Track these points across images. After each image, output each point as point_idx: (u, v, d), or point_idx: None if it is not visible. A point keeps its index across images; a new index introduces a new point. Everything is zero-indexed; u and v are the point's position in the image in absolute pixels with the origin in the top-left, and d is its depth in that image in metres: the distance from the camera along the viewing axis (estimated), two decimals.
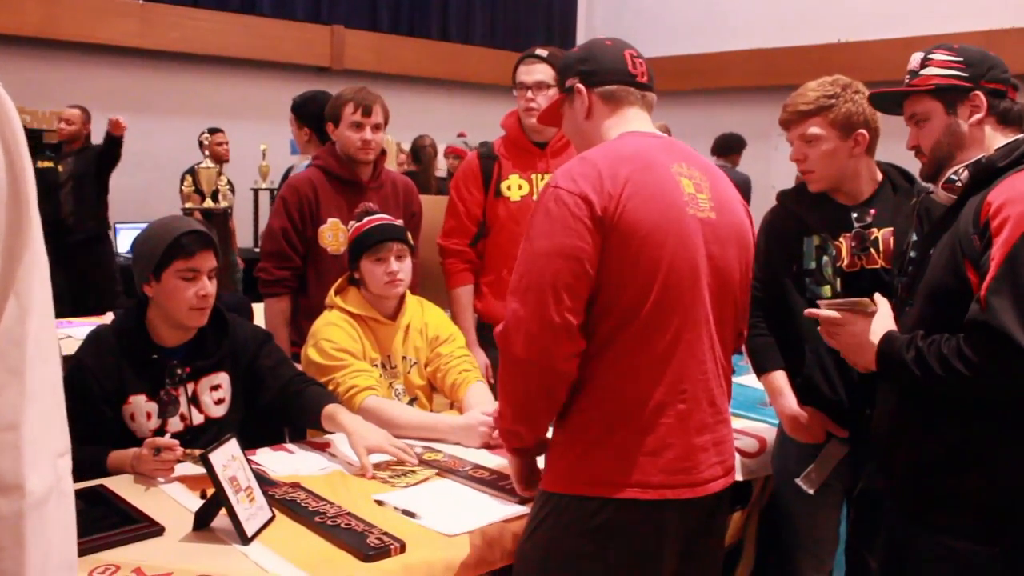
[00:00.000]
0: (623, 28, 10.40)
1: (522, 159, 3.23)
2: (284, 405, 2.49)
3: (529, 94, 3.13)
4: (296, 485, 2.14)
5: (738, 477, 2.43)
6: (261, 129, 7.67)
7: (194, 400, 2.40)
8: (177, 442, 2.16)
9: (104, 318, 4.30)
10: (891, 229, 2.26)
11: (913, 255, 1.98)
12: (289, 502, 2.02)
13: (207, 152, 5.66)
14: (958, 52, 1.92)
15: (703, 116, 9.13)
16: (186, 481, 2.16)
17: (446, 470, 2.27)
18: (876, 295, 1.95)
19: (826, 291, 2.26)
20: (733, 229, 1.84)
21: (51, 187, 5.99)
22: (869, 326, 1.88)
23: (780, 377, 2.35)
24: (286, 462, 2.34)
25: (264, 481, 2.08)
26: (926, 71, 1.94)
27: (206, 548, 1.83)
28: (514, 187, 3.20)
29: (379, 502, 2.06)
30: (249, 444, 2.35)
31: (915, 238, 2.03)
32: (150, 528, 1.87)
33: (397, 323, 2.80)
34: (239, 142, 7.23)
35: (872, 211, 2.29)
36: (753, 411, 2.81)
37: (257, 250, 6.90)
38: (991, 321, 1.63)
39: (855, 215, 2.29)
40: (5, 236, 0.84)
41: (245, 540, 1.83)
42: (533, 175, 3.21)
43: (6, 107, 0.84)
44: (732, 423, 1.91)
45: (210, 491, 1.91)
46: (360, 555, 1.78)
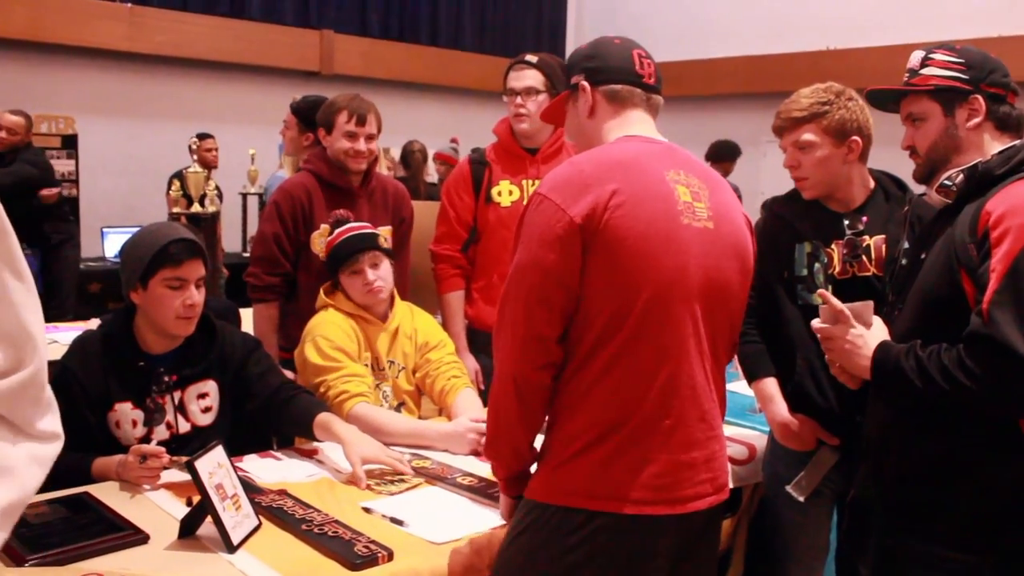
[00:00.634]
0: (612, 34, 10.41)
1: (513, 165, 3.24)
2: (273, 413, 2.46)
3: (519, 100, 3.13)
4: (283, 492, 2.12)
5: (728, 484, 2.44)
6: (250, 133, 7.65)
7: (181, 408, 2.37)
8: (163, 449, 2.14)
9: (90, 324, 4.27)
10: (883, 236, 2.26)
11: (904, 262, 1.97)
12: (276, 510, 2.00)
13: (195, 157, 5.62)
14: (959, 53, 1.89)
15: (692, 123, 9.14)
16: (172, 488, 2.13)
17: (434, 477, 2.25)
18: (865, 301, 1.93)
19: (817, 298, 2.26)
20: (731, 240, 1.78)
21: None
22: (866, 338, 1.85)
23: (771, 384, 2.35)
24: (273, 469, 2.32)
25: (251, 488, 2.06)
26: (926, 71, 1.92)
27: (191, 556, 1.81)
28: (504, 193, 3.21)
29: (367, 510, 2.05)
30: (237, 451, 2.34)
31: (906, 245, 2.03)
32: (135, 536, 1.85)
33: (386, 326, 2.78)
34: (227, 146, 7.20)
35: (864, 218, 2.29)
36: (743, 418, 2.81)
37: (246, 255, 6.89)
38: (994, 334, 1.61)
39: (847, 222, 2.29)
40: None
41: (231, 548, 1.81)
42: (524, 181, 3.21)
43: None
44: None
45: (196, 499, 1.89)
46: (347, 563, 1.76)
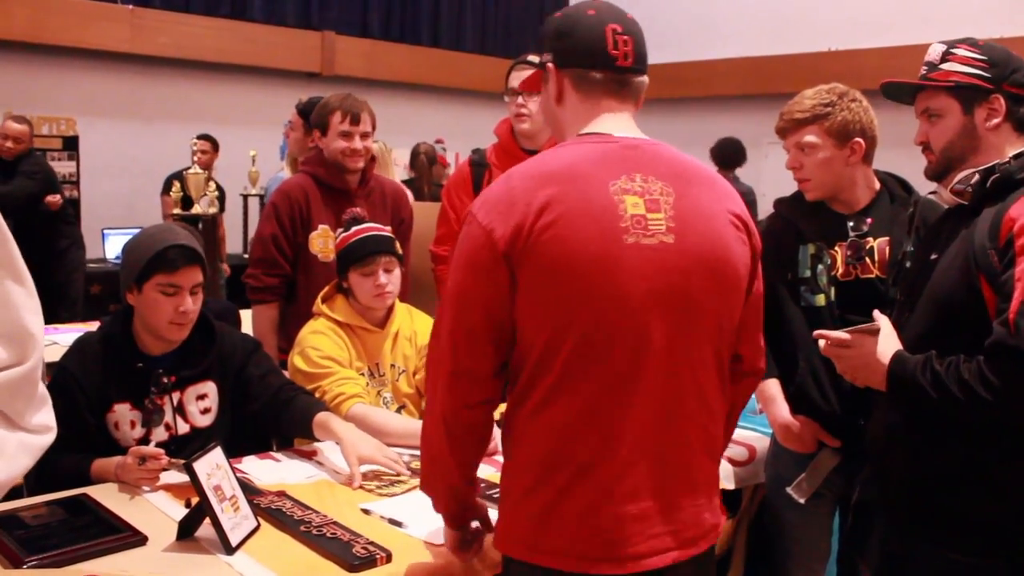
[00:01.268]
0: None
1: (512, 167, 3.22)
2: (273, 414, 2.45)
3: (520, 100, 3.13)
4: (282, 494, 2.11)
5: (729, 486, 2.43)
6: (251, 135, 7.65)
7: (179, 409, 2.37)
8: (162, 451, 2.13)
9: (91, 325, 4.27)
10: (887, 238, 2.25)
11: (910, 263, 1.95)
12: (275, 511, 2.00)
13: (196, 158, 5.63)
14: (983, 50, 1.83)
15: (693, 124, 9.15)
16: (170, 490, 2.13)
17: None
18: (875, 312, 1.87)
19: (820, 300, 2.25)
20: (699, 252, 1.51)
21: None
22: (876, 346, 1.78)
23: (773, 385, 2.34)
24: (272, 470, 2.32)
25: (249, 490, 2.06)
26: (946, 66, 1.84)
27: (190, 558, 1.80)
28: None
29: (365, 511, 2.04)
30: (236, 453, 2.33)
31: (910, 248, 2.02)
32: (133, 538, 1.85)
33: (386, 331, 2.78)
34: (228, 148, 7.21)
35: (868, 220, 2.28)
36: (744, 419, 2.79)
37: (246, 256, 6.87)
38: (1021, 345, 1.55)
39: (851, 224, 2.27)
40: None
41: (229, 550, 1.80)
42: None
43: None
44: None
45: (194, 500, 1.88)
46: (346, 565, 1.76)
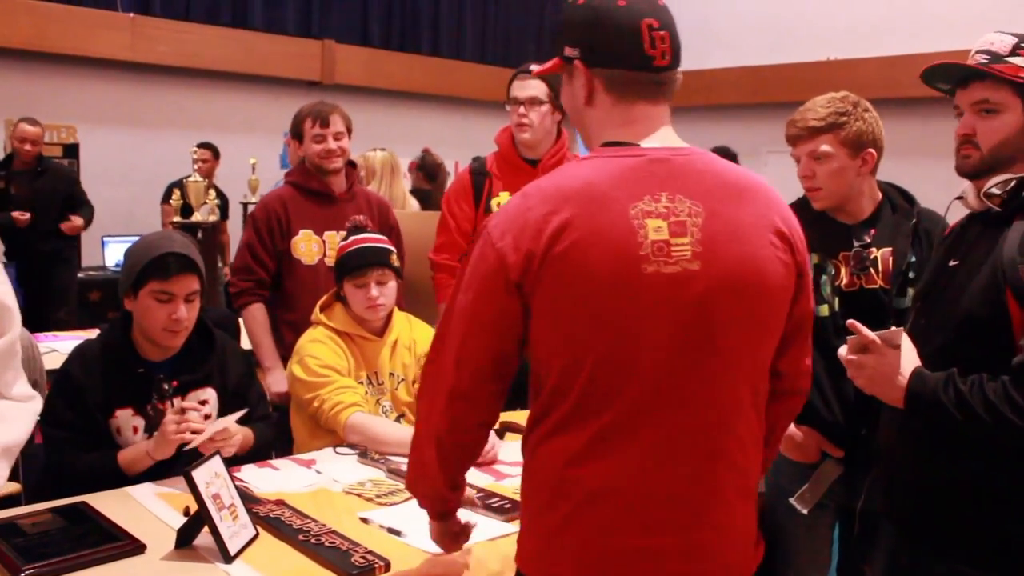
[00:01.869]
0: None
1: (513, 176, 3.25)
2: None
3: (521, 109, 3.16)
4: (280, 502, 2.11)
5: None
6: (251, 143, 7.65)
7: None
8: (200, 406, 2.22)
9: (90, 333, 4.27)
10: (890, 249, 2.24)
11: (912, 275, 1.93)
12: (273, 520, 2.00)
13: (196, 166, 5.63)
14: None
15: (693, 132, 9.01)
16: (169, 498, 2.13)
17: None
18: (893, 327, 1.76)
19: (824, 310, 2.24)
20: (729, 278, 1.40)
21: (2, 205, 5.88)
22: (897, 360, 1.69)
23: None
24: (271, 479, 2.32)
25: (248, 498, 2.06)
26: (1017, 60, 1.69)
27: (188, 567, 1.80)
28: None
29: (364, 520, 2.04)
30: (235, 461, 2.33)
31: (913, 258, 2.01)
32: (132, 546, 1.85)
33: (384, 339, 2.78)
34: (229, 156, 7.22)
35: (872, 231, 2.27)
36: None
37: None
38: None
39: (855, 234, 2.27)
40: None
41: (228, 558, 1.80)
42: None
43: None
44: None
45: (193, 508, 1.88)
46: (344, 573, 1.76)
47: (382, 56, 9.30)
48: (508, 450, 2.58)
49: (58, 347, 3.84)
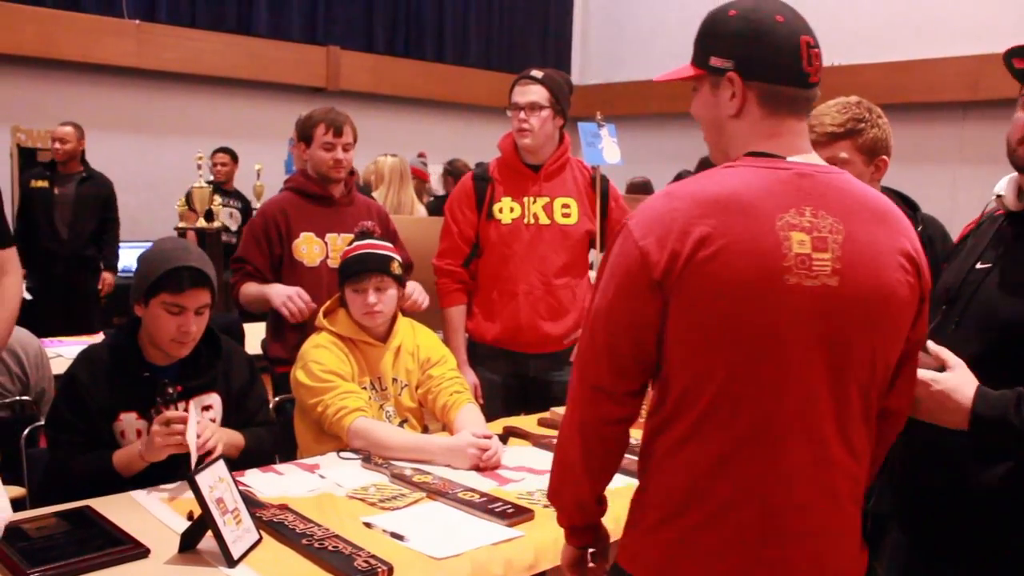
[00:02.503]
0: (617, 51, 10.45)
1: (515, 182, 3.26)
2: None
3: (522, 115, 3.17)
4: (284, 507, 2.12)
5: None
6: (256, 149, 7.67)
7: None
8: (186, 414, 2.19)
9: (94, 337, 4.29)
10: None
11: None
12: (276, 524, 2.00)
13: (215, 171, 5.65)
14: None
15: (698, 138, 9.13)
16: (172, 502, 2.14)
17: (435, 492, 2.25)
18: (929, 343, 1.62)
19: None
20: (862, 298, 1.41)
21: (47, 207, 5.97)
22: (952, 382, 1.57)
23: None
24: (274, 484, 2.33)
25: (251, 503, 2.06)
26: None
27: (192, 571, 1.81)
28: (506, 210, 3.24)
29: (367, 524, 2.04)
30: (238, 465, 2.35)
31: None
32: (135, 550, 1.86)
33: (388, 345, 2.79)
34: None
35: None
36: None
37: None
38: None
39: None
40: None
41: (231, 563, 1.81)
42: (525, 198, 3.25)
43: None
44: None
45: (197, 513, 1.89)
46: None
47: (387, 62, 9.33)
48: (511, 455, 2.59)
49: (63, 352, 3.86)
